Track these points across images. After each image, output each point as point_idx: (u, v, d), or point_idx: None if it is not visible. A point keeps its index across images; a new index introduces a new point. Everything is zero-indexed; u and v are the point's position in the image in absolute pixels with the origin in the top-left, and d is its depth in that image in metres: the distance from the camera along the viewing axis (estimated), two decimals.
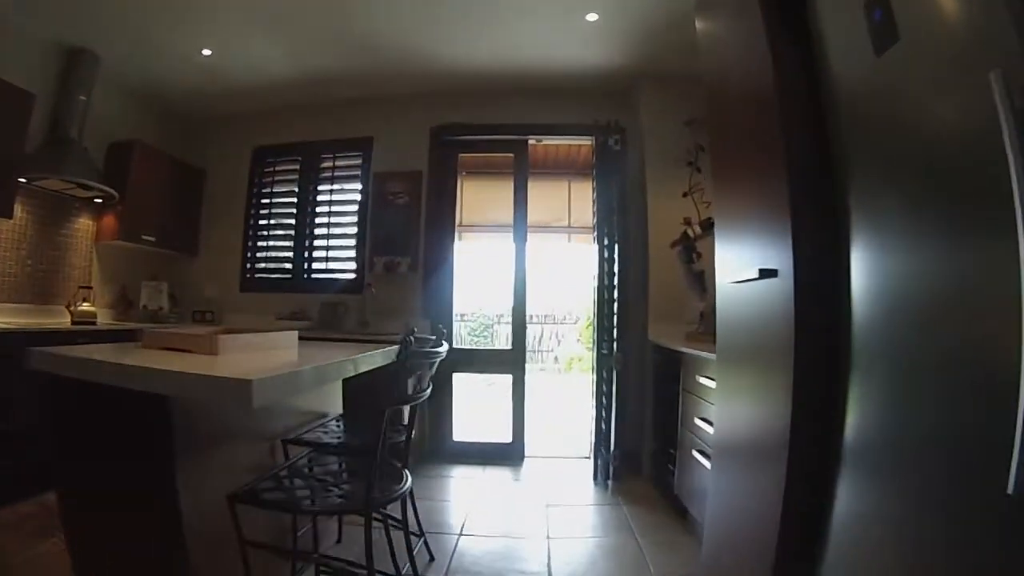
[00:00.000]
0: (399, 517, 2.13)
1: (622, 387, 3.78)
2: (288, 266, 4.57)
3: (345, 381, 2.52)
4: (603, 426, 3.85)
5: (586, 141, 4.24)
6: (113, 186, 4.03)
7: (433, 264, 4.20)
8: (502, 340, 12.34)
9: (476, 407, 6.01)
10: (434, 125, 4.29)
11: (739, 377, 1.77)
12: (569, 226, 6.44)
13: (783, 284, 1.39)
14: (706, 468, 2.41)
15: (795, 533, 1.32)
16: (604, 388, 3.82)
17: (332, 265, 4.49)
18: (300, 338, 3.25)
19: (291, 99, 4.55)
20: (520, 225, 4.27)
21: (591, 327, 6.93)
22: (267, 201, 4.70)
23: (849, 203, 1.23)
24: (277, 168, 4.70)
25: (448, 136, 4.29)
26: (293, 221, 4.57)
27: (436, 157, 4.28)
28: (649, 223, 3.85)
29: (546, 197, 6.48)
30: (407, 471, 1.81)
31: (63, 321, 3.90)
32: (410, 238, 4.18)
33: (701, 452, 2.55)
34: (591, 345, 4.72)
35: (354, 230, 4.38)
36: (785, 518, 1.33)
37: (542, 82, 4.13)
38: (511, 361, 4.21)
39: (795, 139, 1.37)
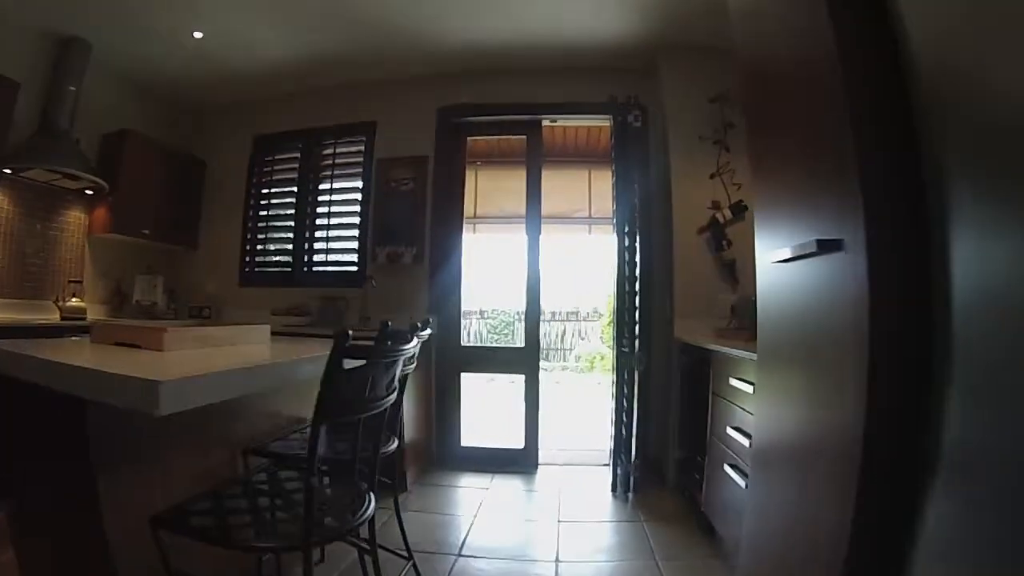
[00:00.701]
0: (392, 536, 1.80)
1: (644, 389, 3.42)
2: (288, 259, 4.32)
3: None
4: (623, 432, 3.51)
5: (603, 121, 3.89)
6: (106, 177, 3.87)
7: (440, 255, 3.90)
8: (521, 337, 12.02)
9: (488, 409, 5.72)
10: (441, 106, 3.99)
11: (786, 375, 1.42)
12: (590, 216, 6.09)
13: (849, 260, 1.05)
14: (739, 486, 2.05)
15: (867, 557, 0.99)
16: (624, 390, 3.46)
17: (333, 257, 4.23)
18: (292, 334, 3.01)
19: (291, 85, 4.30)
20: (534, 215, 3.95)
21: (612, 324, 6.64)
22: (267, 192, 4.47)
23: (944, 162, 0.88)
24: (277, 157, 4.46)
25: (456, 118, 3.98)
26: (293, 212, 4.32)
27: (443, 141, 3.98)
28: (674, 208, 3.49)
29: (565, 187, 6.14)
30: (373, 493, 1.49)
31: (52, 316, 3.73)
32: (415, 227, 3.89)
33: (734, 467, 2.19)
34: (612, 343, 4.38)
35: (356, 220, 4.10)
36: (855, 541, 1.01)
37: (555, 58, 3.79)
38: (523, 360, 3.88)
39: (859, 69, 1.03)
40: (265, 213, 4.46)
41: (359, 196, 4.11)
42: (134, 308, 4.23)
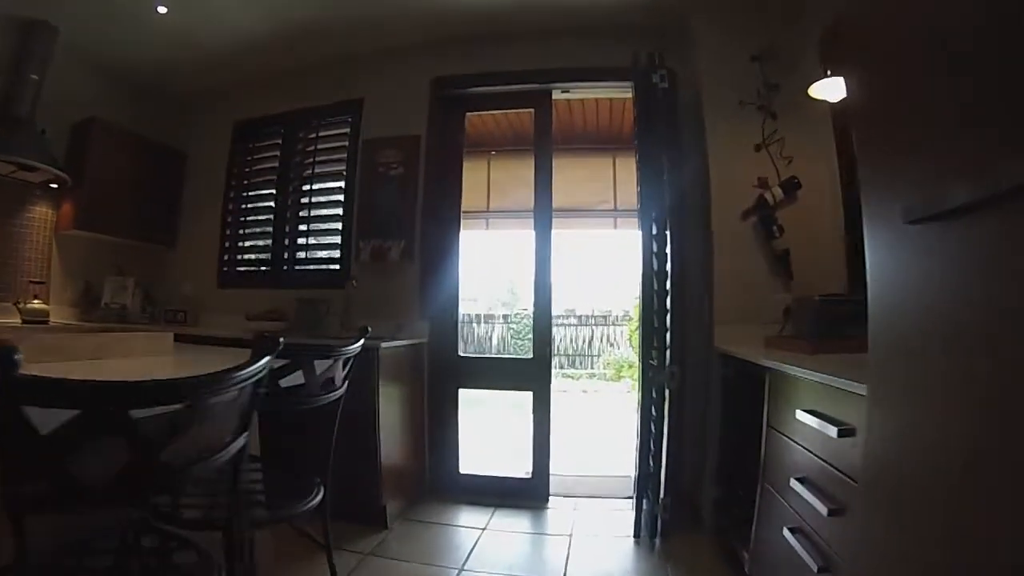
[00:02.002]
0: None
1: (677, 410, 2.78)
2: (268, 257, 3.84)
3: None
4: (649, 463, 2.89)
5: (624, 91, 3.26)
6: (73, 169, 3.51)
7: (433, 250, 3.36)
8: (564, 341, 11.36)
9: (493, 430, 5.12)
10: (435, 77, 3.45)
11: (938, 373, 0.81)
12: (615, 208, 5.46)
13: None
14: (808, 566, 1.42)
15: None
16: (652, 412, 2.84)
17: (316, 255, 3.72)
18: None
19: (270, 63, 3.83)
20: (543, 204, 3.36)
21: (636, 329, 5.96)
22: (248, 183, 4.01)
23: None
24: (258, 145, 4.00)
25: (452, 90, 3.44)
26: (273, 204, 3.84)
27: (438, 117, 3.44)
28: (712, 188, 2.85)
29: (587, 176, 5.53)
30: None
31: (12, 319, 3.37)
32: (404, 218, 3.35)
33: (799, 532, 1.55)
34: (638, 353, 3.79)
35: (339, 211, 3.59)
36: None
37: (567, 17, 3.20)
38: (531, 373, 3.29)
39: None
40: (246, 207, 3.99)
41: (343, 184, 3.59)
42: (103, 311, 3.82)
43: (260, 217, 3.91)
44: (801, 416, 1.55)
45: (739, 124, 2.86)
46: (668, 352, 2.69)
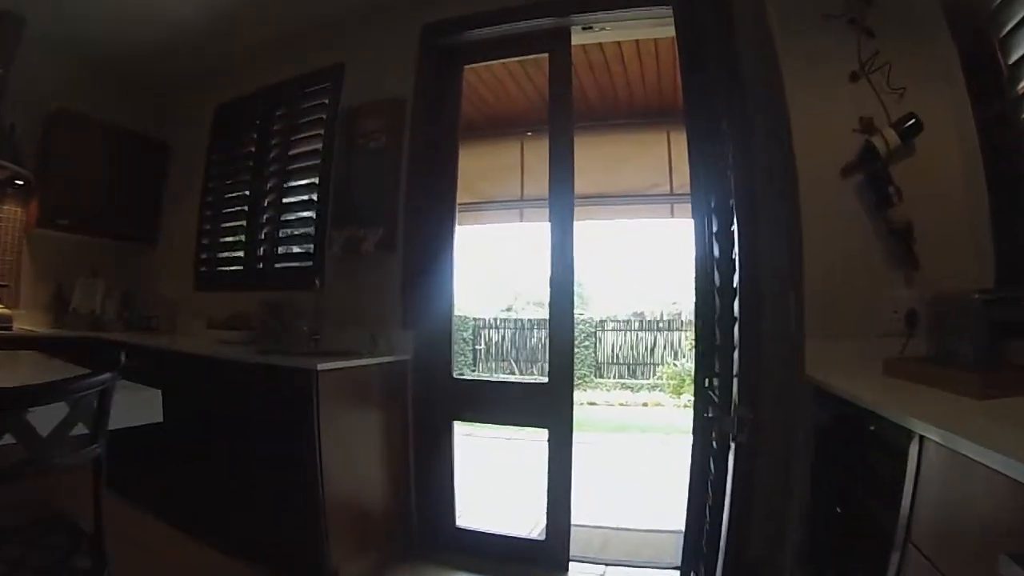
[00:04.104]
0: None
1: (745, 469, 1.89)
2: (241, 255, 3.27)
3: None
4: (705, 527, 2.04)
5: (668, 28, 2.39)
6: (41, 164, 3.21)
7: (421, 239, 2.63)
8: (607, 350, 10.44)
9: (505, 472, 4.31)
10: (427, 23, 2.73)
11: None
12: (671, 193, 4.55)
13: None
14: None
15: None
16: (711, 467, 1.99)
17: (292, 250, 3.10)
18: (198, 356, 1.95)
19: (248, 33, 3.25)
20: (561, 184, 2.55)
21: (694, 340, 5.00)
22: (226, 172, 3.46)
23: None
24: (236, 129, 3.45)
25: (446, 38, 2.71)
26: (248, 193, 3.26)
27: (429, 74, 2.72)
28: (794, 138, 1.96)
29: (636, 154, 4.65)
30: None
31: None
32: (384, 200, 2.65)
33: None
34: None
35: (315, 196, 2.94)
36: None
37: None
38: (545, 404, 2.48)
39: None
40: (225, 199, 3.44)
41: (319, 163, 2.94)
42: (71, 317, 3.38)
43: (235, 209, 3.34)
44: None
45: (825, 46, 1.95)
46: (736, 384, 1.80)
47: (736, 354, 1.85)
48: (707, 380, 2.12)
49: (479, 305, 12.51)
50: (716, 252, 1.92)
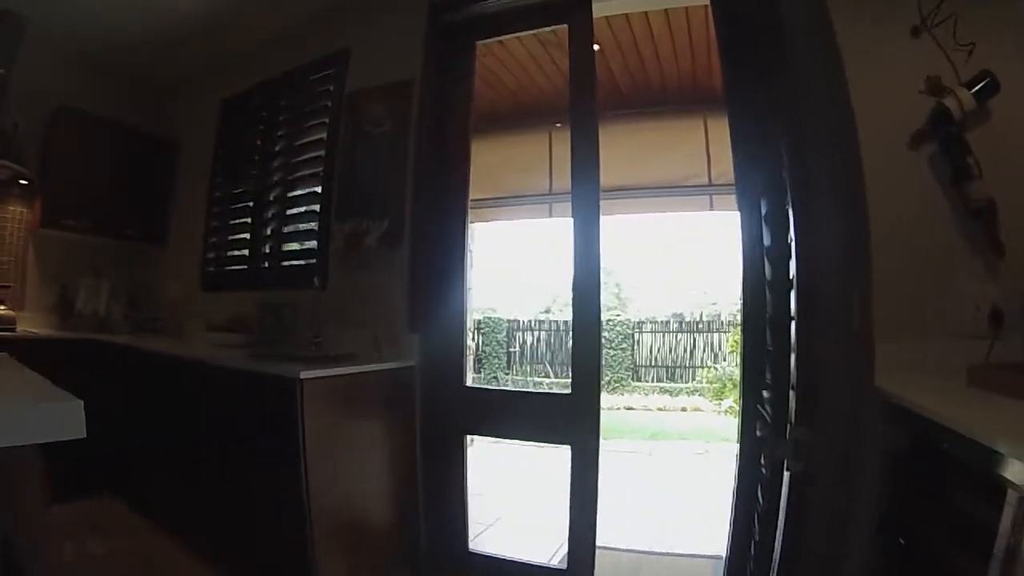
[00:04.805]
0: None
1: (800, 495, 1.58)
2: (247, 253, 3.09)
3: None
4: (749, 566, 1.74)
5: None
6: (44, 164, 3.14)
7: (429, 233, 2.39)
8: (645, 352, 10.06)
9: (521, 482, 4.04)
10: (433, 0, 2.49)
11: None
12: (710, 183, 4.20)
13: None
14: None
15: None
16: (759, 494, 1.69)
17: (296, 247, 2.90)
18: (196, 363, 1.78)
19: (251, 25, 3.09)
20: (585, 172, 2.26)
21: (739, 345, 4.60)
22: (232, 167, 3.30)
23: None
24: (242, 123, 3.29)
25: (457, 12, 2.46)
26: (254, 188, 3.09)
27: (439, 54, 2.48)
28: (853, 103, 1.64)
29: (671, 143, 4.32)
30: None
31: None
32: (389, 191, 2.42)
33: None
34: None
35: (319, 189, 2.73)
36: None
37: None
38: (568, 417, 2.20)
39: None
40: (231, 195, 3.27)
41: (324, 155, 2.73)
42: (75, 319, 3.27)
43: (242, 206, 3.17)
44: None
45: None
46: (793, 402, 1.49)
47: (793, 361, 1.54)
48: (756, 392, 1.83)
49: (516, 306, 12.29)
50: (767, 239, 1.62)
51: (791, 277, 1.61)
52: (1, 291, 3.12)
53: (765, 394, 1.80)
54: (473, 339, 10.13)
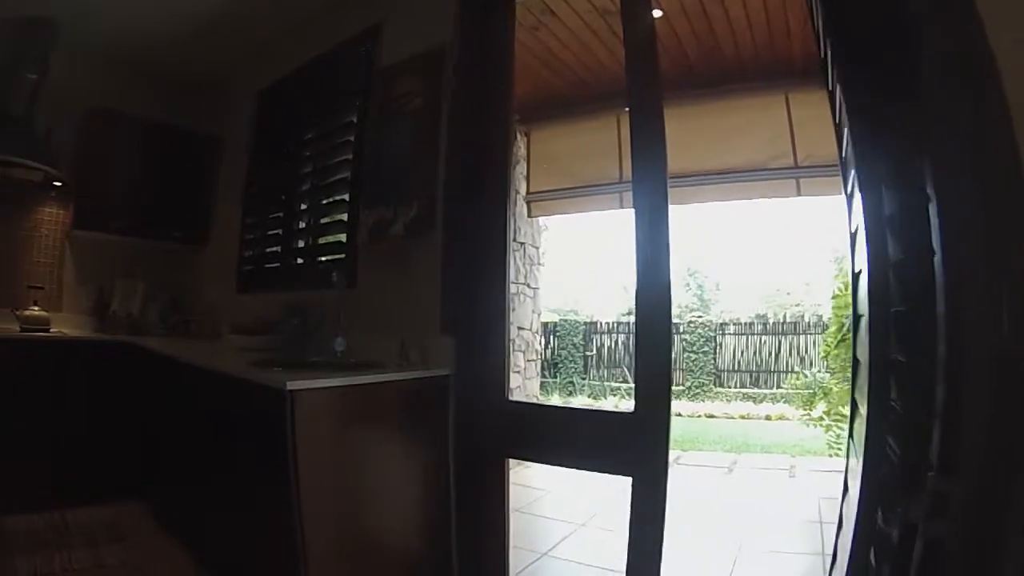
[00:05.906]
0: None
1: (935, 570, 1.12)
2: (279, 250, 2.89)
3: None
4: None
5: None
6: (79, 166, 3.12)
7: (465, 220, 2.06)
8: (728, 356, 9.35)
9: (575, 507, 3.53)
10: None
11: None
12: (795, 165, 3.65)
13: None
14: None
15: None
16: (872, 558, 1.24)
17: (325, 239, 2.67)
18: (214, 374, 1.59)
19: (281, 11, 2.90)
20: (649, 151, 1.86)
21: (835, 343, 3.99)
22: (268, 161, 3.13)
23: None
24: (278, 114, 3.11)
25: None
26: (288, 183, 2.89)
27: (474, 16, 2.16)
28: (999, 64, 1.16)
29: (746, 124, 3.81)
30: None
31: (11, 327, 2.90)
32: (418, 172, 2.11)
33: None
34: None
35: (348, 175, 2.48)
36: None
37: None
38: (630, 441, 1.79)
39: None
40: (269, 188, 3.10)
41: (354, 139, 2.47)
42: (111, 320, 3.20)
43: (277, 202, 2.98)
44: None
45: None
46: (937, 430, 1.04)
47: (942, 383, 1.09)
48: (877, 420, 1.37)
49: (594, 308, 11.84)
50: (890, 208, 1.17)
51: (934, 260, 1.16)
52: (33, 291, 3.10)
53: (888, 423, 1.34)
54: (548, 343, 9.78)
